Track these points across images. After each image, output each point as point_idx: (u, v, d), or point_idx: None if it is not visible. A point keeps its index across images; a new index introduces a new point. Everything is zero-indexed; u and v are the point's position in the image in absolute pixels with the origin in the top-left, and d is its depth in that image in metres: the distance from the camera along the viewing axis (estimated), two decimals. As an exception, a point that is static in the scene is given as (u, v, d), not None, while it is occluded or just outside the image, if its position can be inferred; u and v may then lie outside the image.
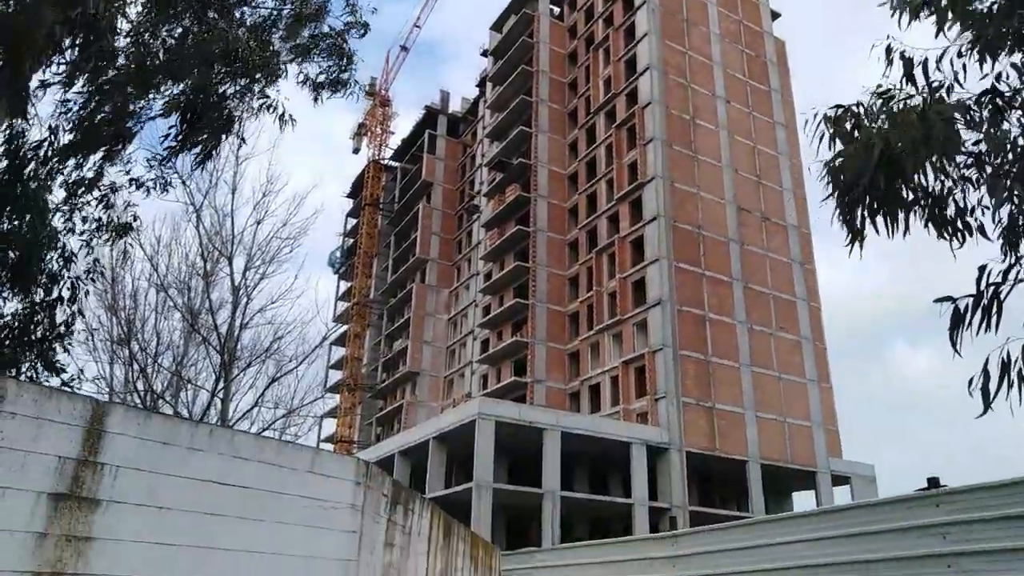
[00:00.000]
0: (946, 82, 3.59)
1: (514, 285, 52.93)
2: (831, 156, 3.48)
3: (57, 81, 8.72)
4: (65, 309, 9.16)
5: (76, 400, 3.65)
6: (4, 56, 7.26)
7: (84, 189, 9.50)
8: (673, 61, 48.33)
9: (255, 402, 16.51)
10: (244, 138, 9.54)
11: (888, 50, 3.53)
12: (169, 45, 9.20)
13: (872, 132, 3.32)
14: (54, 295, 9.08)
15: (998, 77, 3.63)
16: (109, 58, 8.64)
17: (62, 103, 9.03)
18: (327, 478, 4.75)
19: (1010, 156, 3.23)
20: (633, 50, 49.23)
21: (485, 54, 66.83)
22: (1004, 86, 3.57)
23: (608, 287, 45.47)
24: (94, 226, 9.50)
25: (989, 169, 3.25)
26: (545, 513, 32.62)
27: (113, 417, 3.72)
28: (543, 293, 49.50)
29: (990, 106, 3.40)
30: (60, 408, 3.52)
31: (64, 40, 7.60)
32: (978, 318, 3.02)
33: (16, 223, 8.62)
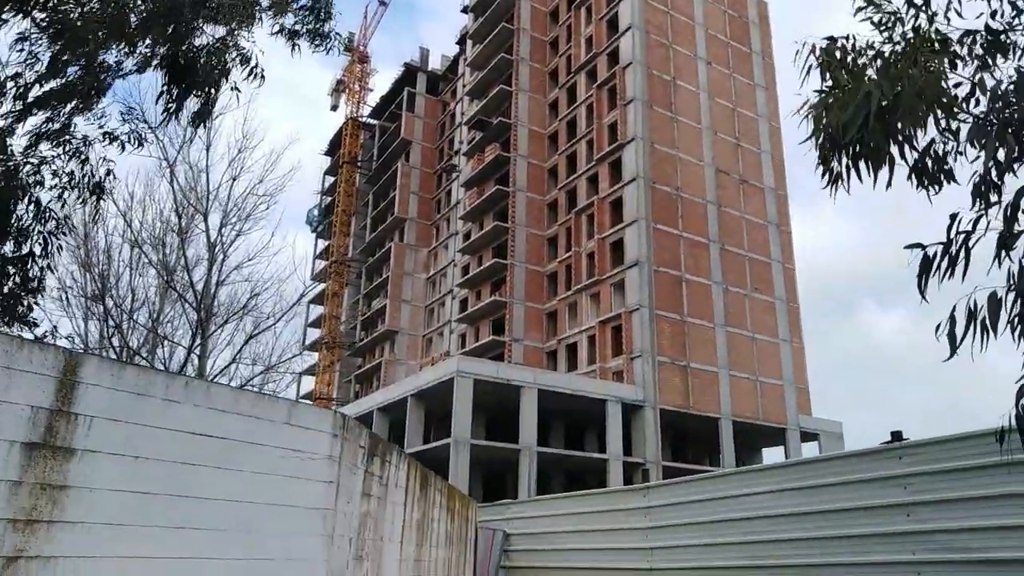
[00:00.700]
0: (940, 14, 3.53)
1: (493, 245, 52.87)
2: (816, 99, 3.47)
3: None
4: (37, 263, 9.01)
5: (48, 350, 3.65)
6: None
7: (52, 141, 9.25)
8: (655, 21, 47.77)
9: (233, 359, 16.50)
10: (238, 86, 9.26)
11: None
12: None
13: (869, 81, 3.28)
14: (25, 250, 8.91)
15: (993, 14, 3.59)
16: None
17: (29, 54, 8.74)
18: (304, 430, 4.81)
19: (999, 103, 3.23)
20: (615, 9, 48.54)
21: (465, 10, 65.48)
22: (998, 23, 3.54)
23: (586, 247, 45.59)
24: (66, 179, 9.27)
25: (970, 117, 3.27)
26: (522, 468, 33.19)
27: (87, 368, 3.72)
28: (522, 253, 49.52)
29: (982, 47, 3.39)
30: (32, 358, 3.51)
31: None
32: (945, 265, 3.10)
33: None
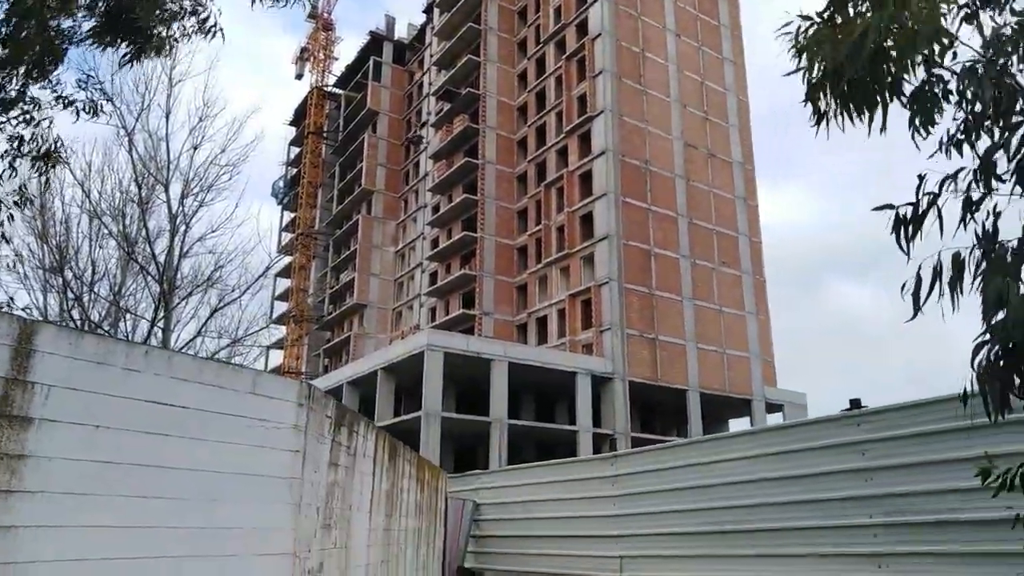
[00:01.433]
0: None
1: (463, 218, 52.60)
2: (806, 33, 3.39)
3: None
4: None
5: (2, 319, 3.55)
6: None
7: (6, 108, 8.91)
8: (625, -10, 47.45)
9: (198, 332, 16.23)
10: (174, 38, 8.87)
11: None
12: None
13: (867, 17, 3.19)
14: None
15: None
16: None
17: None
18: (269, 399, 4.76)
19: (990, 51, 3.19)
20: (585, -23, 48.11)
21: (433, -23, 64.33)
22: None
23: (556, 221, 45.62)
24: (16, 144, 8.95)
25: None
26: (493, 440, 33.46)
27: (43, 336, 3.63)
28: (492, 226, 49.38)
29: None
30: (-15, 326, 3.41)
31: None
32: (912, 226, 3.14)
33: None
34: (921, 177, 3.10)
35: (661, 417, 44.06)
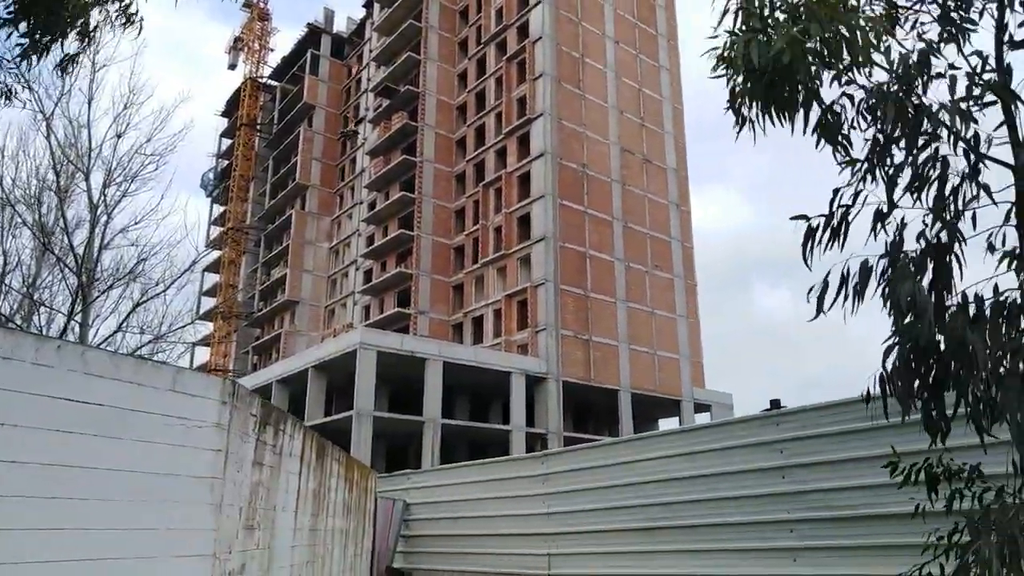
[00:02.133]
0: None
1: (399, 215, 52.12)
2: (727, 44, 3.54)
3: None
4: None
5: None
6: None
7: None
8: (566, -5, 47.94)
9: (118, 327, 15.57)
10: (91, 33, 8.51)
11: None
12: None
13: (796, 21, 3.34)
14: None
15: None
16: None
17: None
18: (190, 397, 4.62)
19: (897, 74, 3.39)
20: (527, -20, 48.35)
21: (374, -29, 63.52)
22: None
23: (494, 221, 45.71)
24: None
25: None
26: (426, 439, 33.27)
27: (-57, 328, 3.44)
28: (429, 225, 49.10)
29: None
30: None
31: None
32: (827, 237, 3.34)
33: None
34: (836, 191, 3.29)
35: (594, 417, 44.69)
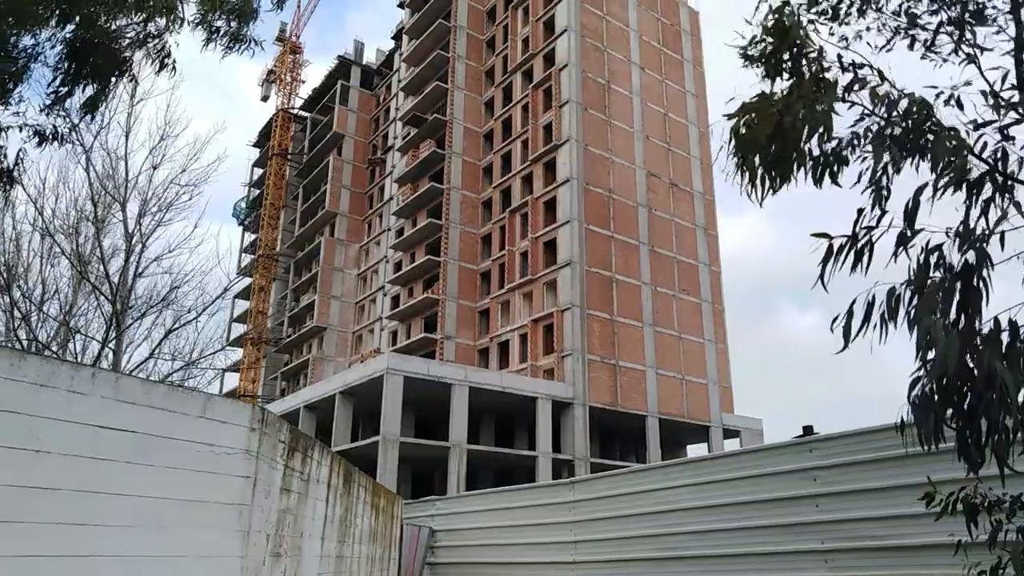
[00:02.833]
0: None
1: (426, 242, 52.54)
2: (736, 118, 3.71)
3: None
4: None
5: (-59, 338, 3.45)
6: None
7: None
8: (591, 25, 48.43)
9: (151, 353, 15.87)
10: (137, 78, 8.89)
11: None
12: None
13: (774, 108, 3.59)
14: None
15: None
16: None
17: None
18: (220, 424, 4.68)
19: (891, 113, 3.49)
20: (552, 11, 48.96)
21: (402, 5, 64.79)
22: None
23: (520, 247, 45.84)
24: None
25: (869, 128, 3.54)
26: (451, 465, 33.12)
27: (-18, 357, 3.53)
28: (455, 251, 49.39)
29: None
30: (-78, 346, 3.32)
31: None
32: (851, 259, 3.28)
33: None
34: (860, 211, 3.25)
35: (621, 442, 44.19)
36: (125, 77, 9.18)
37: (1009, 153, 3.27)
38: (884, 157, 3.31)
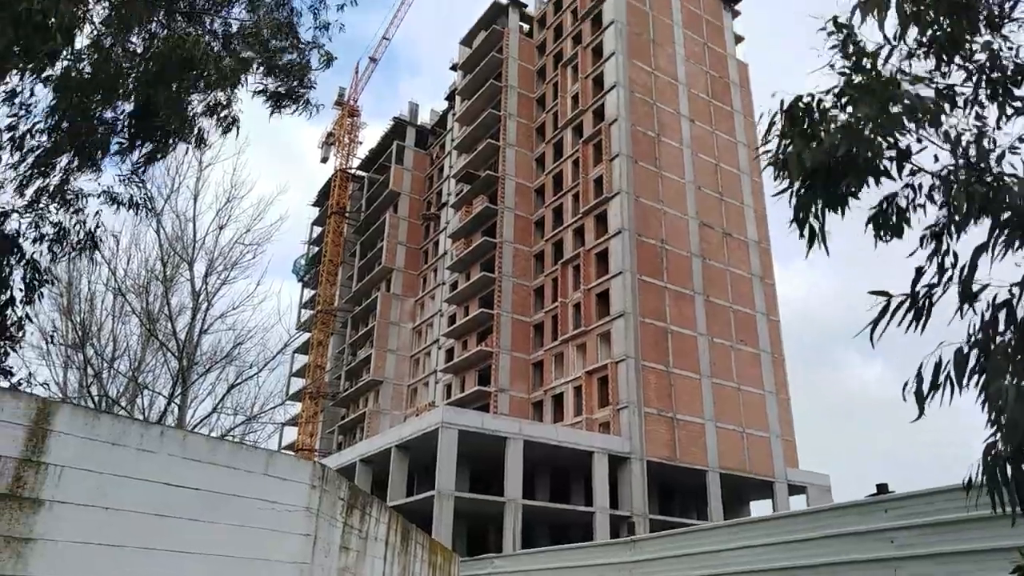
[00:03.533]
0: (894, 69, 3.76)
1: (480, 295, 52.94)
2: (782, 150, 3.67)
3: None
4: (16, 311, 8.90)
5: (20, 398, 3.59)
6: None
7: (54, 198, 9.20)
8: (639, 80, 49.04)
9: (214, 408, 16.24)
10: (205, 139, 9.36)
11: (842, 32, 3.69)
12: (133, 50, 9.04)
13: (834, 132, 3.52)
14: (5, 296, 8.81)
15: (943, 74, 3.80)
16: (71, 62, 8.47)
17: (22, 106, 8.79)
18: (282, 481, 4.72)
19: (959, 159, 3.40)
20: (601, 68, 49.83)
21: (455, 68, 66.97)
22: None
23: (573, 298, 45.74)
24: (53, 231, 9.20)
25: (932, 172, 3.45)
26: (507, 521, 32.56)
27: (59, 416, 3.66)
28: (508, 303, 49.58)
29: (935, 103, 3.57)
30: (3, 406, 3.46)
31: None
32: (910, 318, 3.16)
33: None
34: (919, 270, 3.15)
35: (680, 498, 42.79)
36: (193, 136, 9.66)
37: None
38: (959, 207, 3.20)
